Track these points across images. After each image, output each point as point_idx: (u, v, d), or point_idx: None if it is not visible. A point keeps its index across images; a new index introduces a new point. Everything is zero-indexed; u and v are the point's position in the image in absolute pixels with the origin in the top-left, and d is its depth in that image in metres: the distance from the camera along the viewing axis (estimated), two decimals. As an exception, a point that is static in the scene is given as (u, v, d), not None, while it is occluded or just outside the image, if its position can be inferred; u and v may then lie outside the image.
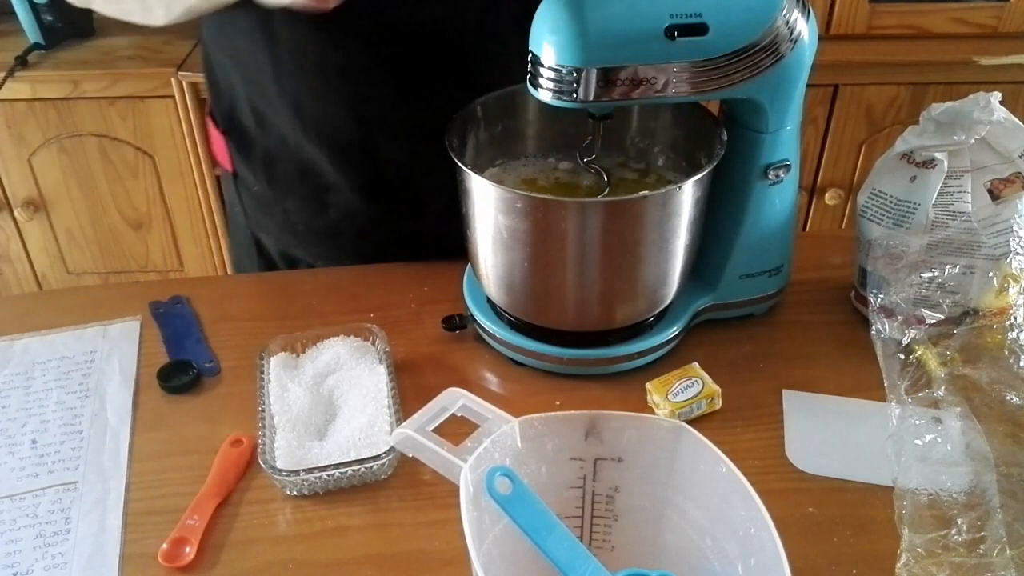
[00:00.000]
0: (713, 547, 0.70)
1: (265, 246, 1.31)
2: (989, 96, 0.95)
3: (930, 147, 0.96)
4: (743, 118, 0.95)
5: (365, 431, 0.90)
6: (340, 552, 0.83)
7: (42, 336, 1.07)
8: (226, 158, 1.26)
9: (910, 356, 0.95)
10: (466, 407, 0.75)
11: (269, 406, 0.93)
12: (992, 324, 0.96)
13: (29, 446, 0.94)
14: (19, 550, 0.83)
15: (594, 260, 0.93)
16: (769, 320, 1.09)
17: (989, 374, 0.93)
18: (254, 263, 1.34)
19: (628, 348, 1.00)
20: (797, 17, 0.87)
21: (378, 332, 1.02)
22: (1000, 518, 0.80)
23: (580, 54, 0.83)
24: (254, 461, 0.90)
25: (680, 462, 0.71)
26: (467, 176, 0.92)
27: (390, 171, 1.15)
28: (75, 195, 2.31)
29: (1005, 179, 0.95)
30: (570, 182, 1.04)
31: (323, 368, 0.99)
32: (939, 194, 0.96)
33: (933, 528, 0.80)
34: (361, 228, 1.20)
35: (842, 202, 2.30)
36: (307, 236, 1.25)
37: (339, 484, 0.88)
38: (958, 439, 0.88)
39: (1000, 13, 2.08)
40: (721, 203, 0.98)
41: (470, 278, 1.09)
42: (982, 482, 0.84)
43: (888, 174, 1.00)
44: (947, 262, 0.97)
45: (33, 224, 2.35)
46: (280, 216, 1.24)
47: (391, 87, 1.07)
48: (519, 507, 0.65)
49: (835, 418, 0.96)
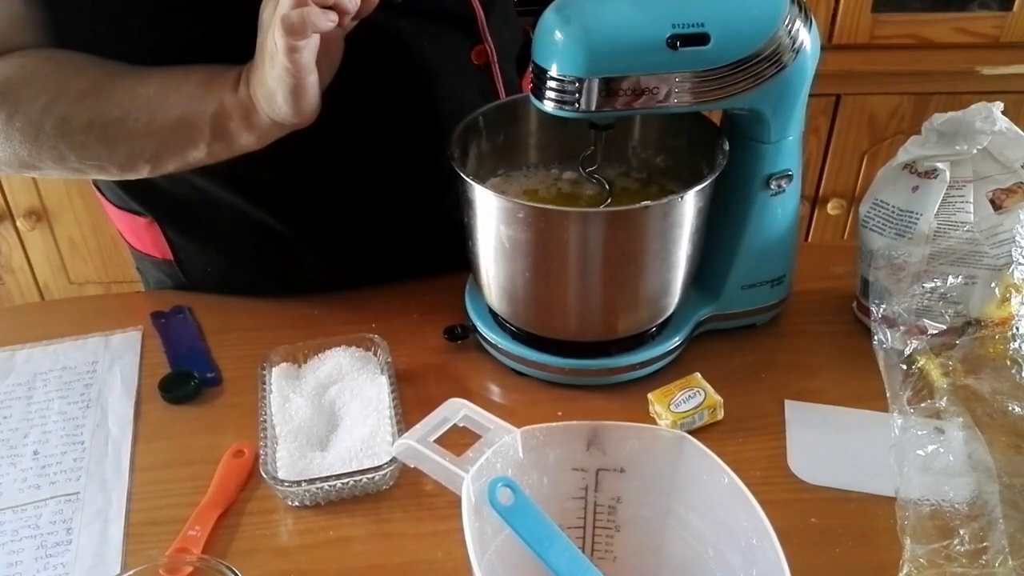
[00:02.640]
0: (715, 558, 0.70)
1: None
2: (991, 106, 0.95)
3: (932, 157, 0.96)
4: (745, 128, 0.95)
5: (367, 441, 0.90)
6: (342, 562, 0.83)
7: (44, 346, 1.07)
8: (155, 245, 1.18)
9: (912, 366, 0.95)
10: (468, 417, 0.75)
11: (271, 417, 0.93)
12: (994, 334, 0.96)
13: (31, 457, 0.94)
14: (21, 561, 0.83)
15: (596, 270, 0.93)
16: (771, 330, 1.08)
17: (991, 384, 0.93)
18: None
19: (630, 358, 1.00)
20: (799, 27, 0.87)
21: (380, 342, 1.02)
22: (1002, 528, 0.80)
23: (582, 64, 0.83)
24: (255, 471, 0.90)
25: (682, 472, 0.71)
26: (469, 186, 0.92)
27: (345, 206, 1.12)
28: (77, 205, 2.31)
29: (1007, 189, 0.95)
30: (572, 192, 1.04)
31: (325, 379, 0.99)
32: (941, 204, 0.96)
33: (935, 538, 0.80)
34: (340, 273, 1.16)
35: (844, 212, 2.29)
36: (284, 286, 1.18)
37: (340, 495, 0.88)
38: (960, 449, 0.88)
39: (1002, 23, 2.08)
40: (723, 213, 0.98)
41: (472, 288, 1.09)
42: (984, 492, 0.84)
43: (890, 184, 1.00)
44: (949, 272, 0.97)
45: (35, 234, 2.35)
46: (251, 274, 1.18)
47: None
48: (521, 518, 0.65)
49: (837, 428, 0.96)
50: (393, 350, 1.02)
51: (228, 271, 1.17)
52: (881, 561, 0.81)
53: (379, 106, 1.05)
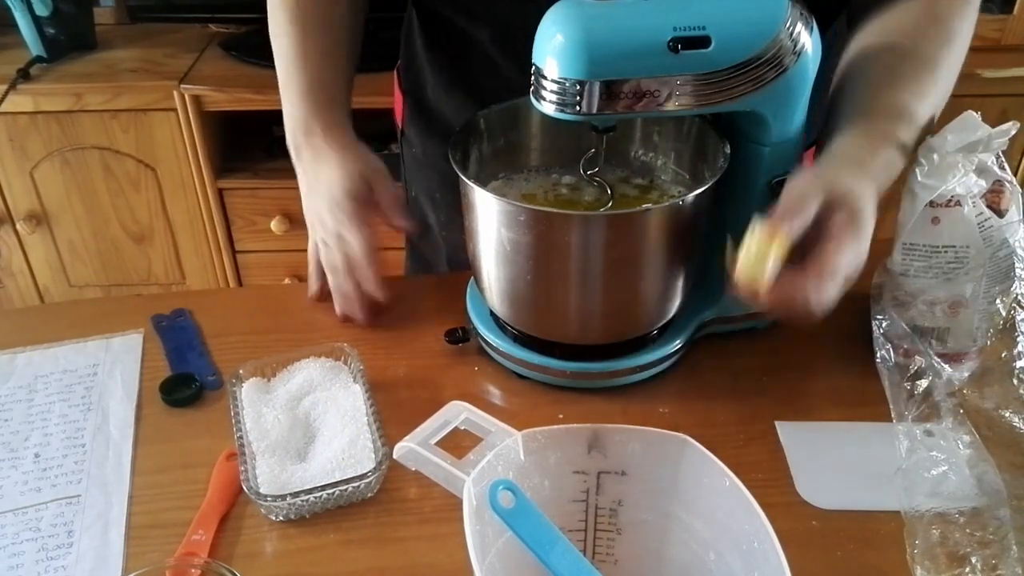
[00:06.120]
0: (716, 561, 0.70)
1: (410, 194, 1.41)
2: (974, 114, 0.93)
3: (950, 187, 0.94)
4: (746, 131, 0.95)
5: (347, 451, 0.89)
6: (344, 565, 0.83)
7: (44, 349, 1.07)
8: (400, 116, 1.38)
9: (916, 383, 0.94)
10: (469, 420, 0.75)
11: (246, 433, 0.92)
12: (1000, 352, 0.96)
13: (32, 460, 0.94)
14: (22, 564, 0.83)
15: (597, 273, 0.93)
16: (772, 334, 1.08)
17: (997, 402, 0.92)
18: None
19: (631, 361, 1.00)
20: (800, 30, 0.87)
21: (351, 351, 1.01)
22: (1016, 555, 0.78)
23: (583, 67, 0.83)
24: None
25: (683, 475, 0.71)
26: (470, 189, 0.92)
27: None
28: (77, 208, 2.32)
29: (992, 191, 0.94)
30: (573, 195, 1.04)
31: (296, 391, 0.98)
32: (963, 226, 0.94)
33: (946, 567, 0.79)
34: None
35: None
36: (441, 205, 1.34)
37: (325, 506, 0.87)
38: (969, 472, 0.86)
39: (1003, 25, 2.09)
40: (724, 216, 0.98)
41: (473, 291, 1.09)
42: (996, 518, 0.82)
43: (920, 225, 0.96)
44: (954, 288, 0.96)
45: (35, 237, 2.36)
46: (426, 180, 1.35)
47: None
48: (522, 521, 0.65)
49: (838, 446, 0.94)
50: (394, 353, 1.02)
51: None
52: (883, 564, 0.81)
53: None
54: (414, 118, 1.34)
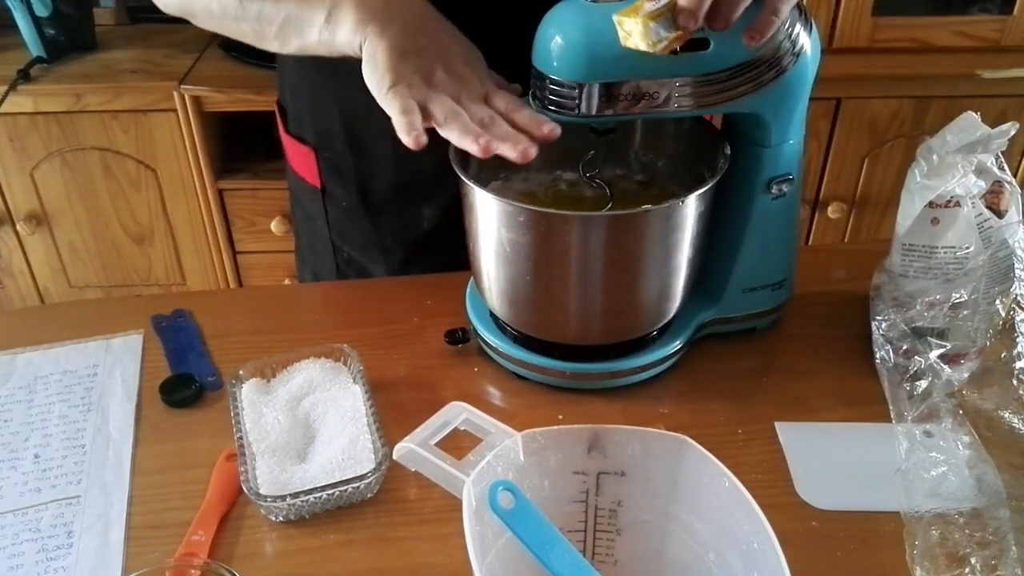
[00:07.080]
0: (716, 561, 0.70)
1: (342, 253, 1.32)
2: (974, 115, 0.93)
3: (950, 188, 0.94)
4: (746, 132, 0.95)
5: (347, 451, 0.90)
6: (344, 566, 0.83)
7: (44, 350, 1.07)
8: (313, 173, 1.26)
9: (916, 383, 0.94)
10: (469, 421, 0.75)
11: (246, 434, 0.92)
12: (1000, 352, 0.96)
13: (32, 460, 0.94)
14: (22, 564, 0.83)
15: (597, 274, 0.93)
16: (772, 334, 1.09)
17: (996, 403, 0.92)
18: (333, 273, 1.34)
19: (631, 362, 1.00)
20: (799, 31, 0.87)
21: (350, 352, 1.01)
22: (1015, 555, 0.78)
23: (582, 69, 0.83)
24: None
25: (683, 476, 0.71)
26: (470, 190, 0.92)
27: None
28: (77, 209, 2.32)
29: (992, 191, 0.94)
30: (573, 196, 1.04)
31: (296, 391, 0.98)
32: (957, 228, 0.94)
33: (945, 568, 0.79)
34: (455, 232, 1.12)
35: (845, 216, 2.30)
36: (394, 249, 1.27)
37: (325, 506, 0.87)
38: (968, 473, 0.86)
39: (1003, 26, 2.09)
40: (724, 217, 0.98)
41: (472, 291, 1.09)
42: (995, 518, 0.82)
43: (918, 226, 0.96)
44: (954, 289, 0.96)
45: (35, 238, 2.36)
46: (367, 230, 1.26)
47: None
48: (522, 521, 0.65)
49: (838, 447, 0.94)
50: (394, 353, 1.02)
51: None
52: (883, 564, 0.81)
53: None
54: (335, 167, 1.24)
